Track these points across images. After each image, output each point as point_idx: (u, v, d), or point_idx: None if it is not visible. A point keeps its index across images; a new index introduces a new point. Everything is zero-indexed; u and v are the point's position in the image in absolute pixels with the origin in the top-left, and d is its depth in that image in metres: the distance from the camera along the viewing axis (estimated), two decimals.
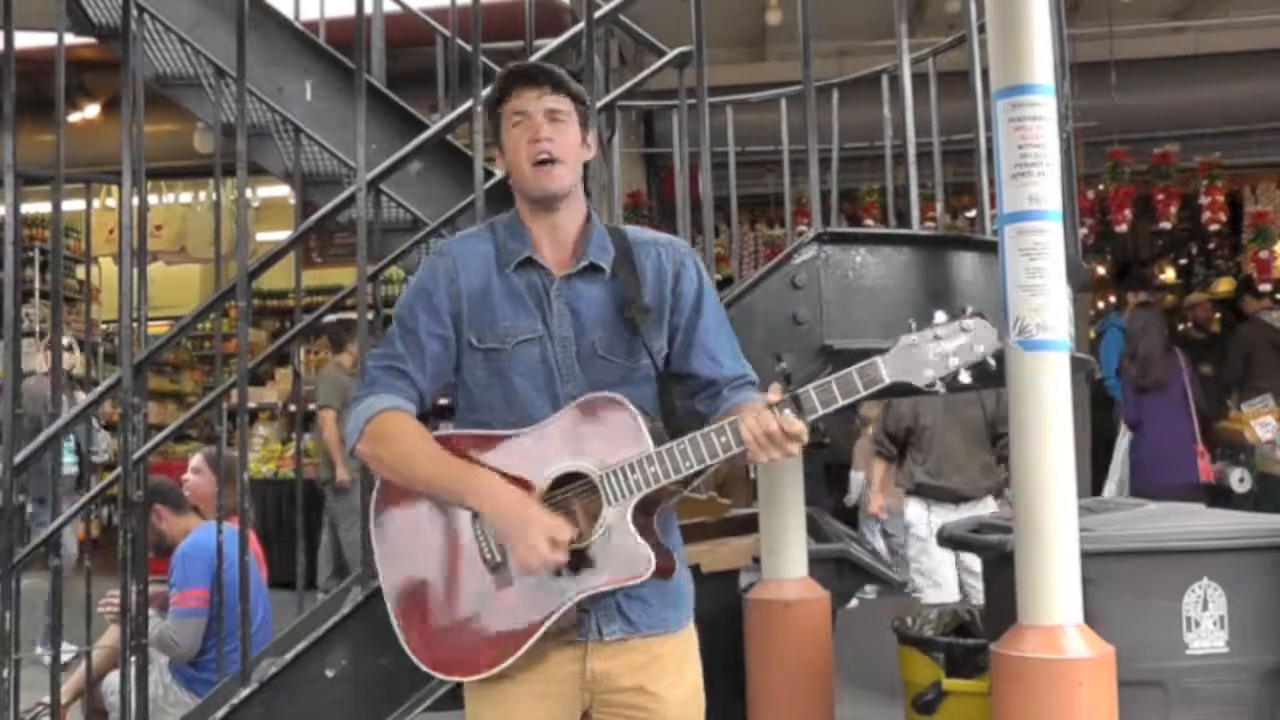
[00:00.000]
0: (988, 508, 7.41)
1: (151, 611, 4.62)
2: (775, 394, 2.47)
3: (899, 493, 10.42)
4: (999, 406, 7.04)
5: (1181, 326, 14.11)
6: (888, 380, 2.43)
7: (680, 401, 2.77)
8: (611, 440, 2.55)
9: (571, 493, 2.58)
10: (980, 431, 7.48)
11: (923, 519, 7.68)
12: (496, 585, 2.60)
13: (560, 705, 2.71)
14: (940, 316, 2.45)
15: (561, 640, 2.65)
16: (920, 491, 7.79)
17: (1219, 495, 9.72)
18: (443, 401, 2.90)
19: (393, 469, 2.68)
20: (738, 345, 2.86)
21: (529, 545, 2.49)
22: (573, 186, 2.76)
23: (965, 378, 2.44)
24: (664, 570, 2.57)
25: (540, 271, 2.74)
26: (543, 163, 2.68)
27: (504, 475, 2.59)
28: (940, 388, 2.44)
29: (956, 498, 7.56)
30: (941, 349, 2.43)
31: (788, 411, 2.43)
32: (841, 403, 2.44)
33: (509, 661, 2.59)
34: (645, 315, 2.72)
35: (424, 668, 2.67)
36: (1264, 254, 12.80)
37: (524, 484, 2.58)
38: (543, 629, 2.57)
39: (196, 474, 5.69)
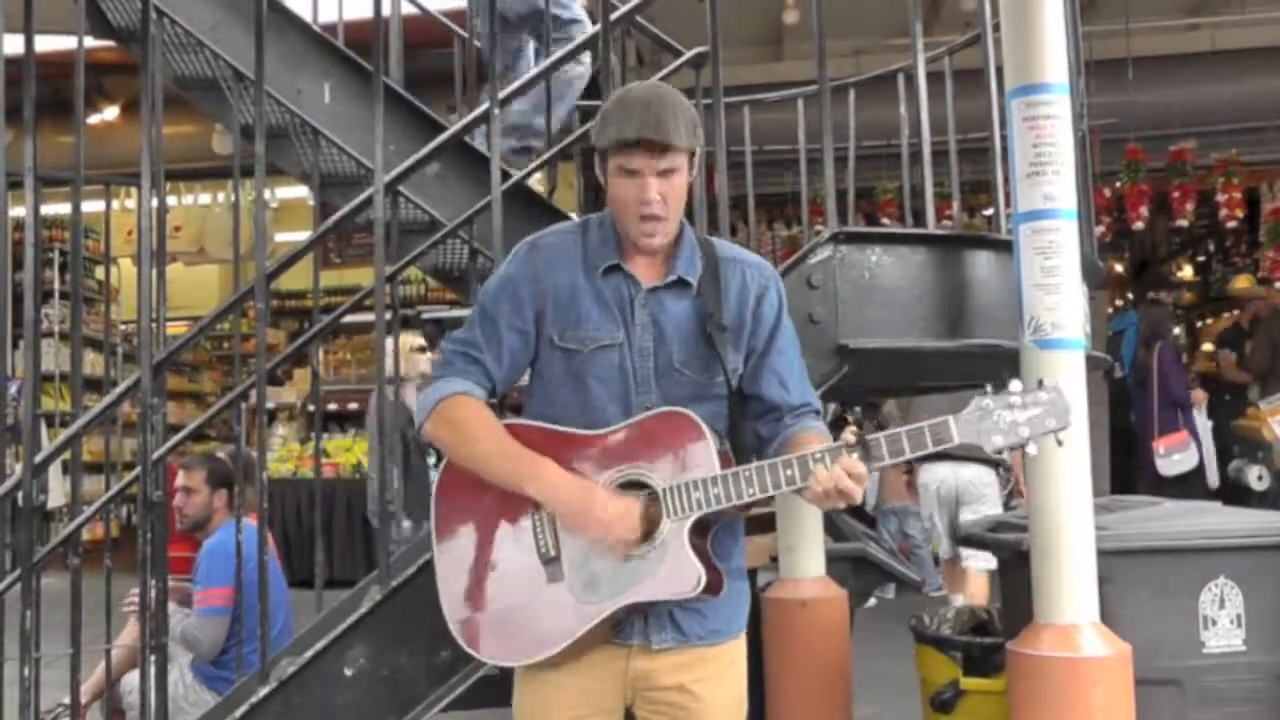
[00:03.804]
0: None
1: (172, 606, 4.65)
2: (850, 436, 2.49)
3: (914, 495, 10.48)
4: None
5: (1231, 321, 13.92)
6: (957, 441, 2.46)
7: (745, 422, 2.79)
8: (680, 455, 2.58)
9: (634, 499, 2.60)
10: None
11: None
12: (548, 579, 2.63)
13: (604, 700, 2.75)
14: (1016, 385, 2.47)
15: (608, 639, 2.69)
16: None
17: (1237, 493, 9.71)
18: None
19: (457, 451, 2.72)
20: (807, 374, 2.89)
21: (601, 523, 2.54)
22: (668, 243, 2.76)
23: (1032, 450, 2.46)
24: (712, 588, 2.60)
25: (628, 280, 2.76)
26: (648, 219, 2.67)
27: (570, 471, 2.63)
28: (1006, 455, 2.51)
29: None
30: (1014, 418, 2.44)
31: (855, 455, 2.46)
32: (909, 455, 2.48)
33: (547, 655, 2.63)
34: (723, 333, 2.74)
35: (467, 649, 2.71)
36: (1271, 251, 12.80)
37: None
38: (580, 632, 2.60)
39: None
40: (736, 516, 2.72)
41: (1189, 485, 9.39)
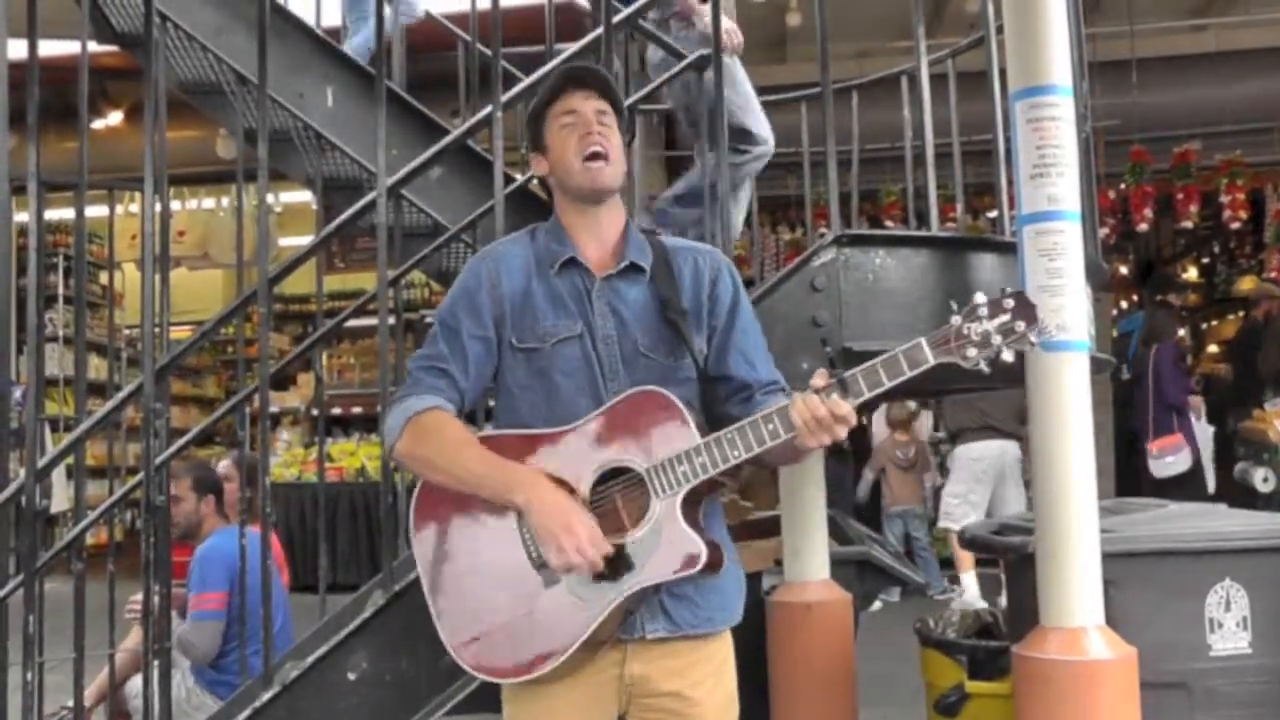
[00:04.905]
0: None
1: (172, 614, 4.65)
2: (821, 379, 2.46)
3: (920, 496, 10.51)
4: None
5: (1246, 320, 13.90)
6: (932, 361, 2.44)
7: (719, 404, 2.75)
8: (658, 433, 2.55)
9: (617, 488, 2.57)
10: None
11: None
12: (544, 585, 2.57)
13: (598, 708, 2.70)
14: (981, 297, 2.46)
15: (605, 642, 2.64)
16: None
17: (1243, 495, 9.69)
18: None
19: (435, 467, 2.65)
20: (768, 352, 2.86)
21: (569, 547, 2.47)
22: (619, 186, 2.79)
23: (1009, 355, 2.43)
24: (715, 563, 2.56)
25: (582, 272, 2.76)
26: (593, 157, 2.71)
27: (548, 474, 2.58)
28: (984, 367, 2.44)
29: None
30: (984, 328, 2.43)
31: (835, 395, 2.42)
32: (887, 385, 2.44)
33: (557, 662, 2.57)
34: (684, 316, 2.73)
35: (468, 669, 2.65)
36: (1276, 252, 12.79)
37: (568, 482, 2.58)
38: (591, 628, 2.55)
39: (227, 480, 5.72)
40: (721, 488, 2.68)
41: (1188, 488, 9.36)
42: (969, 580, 9.24)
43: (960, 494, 9.46)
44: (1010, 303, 2.44)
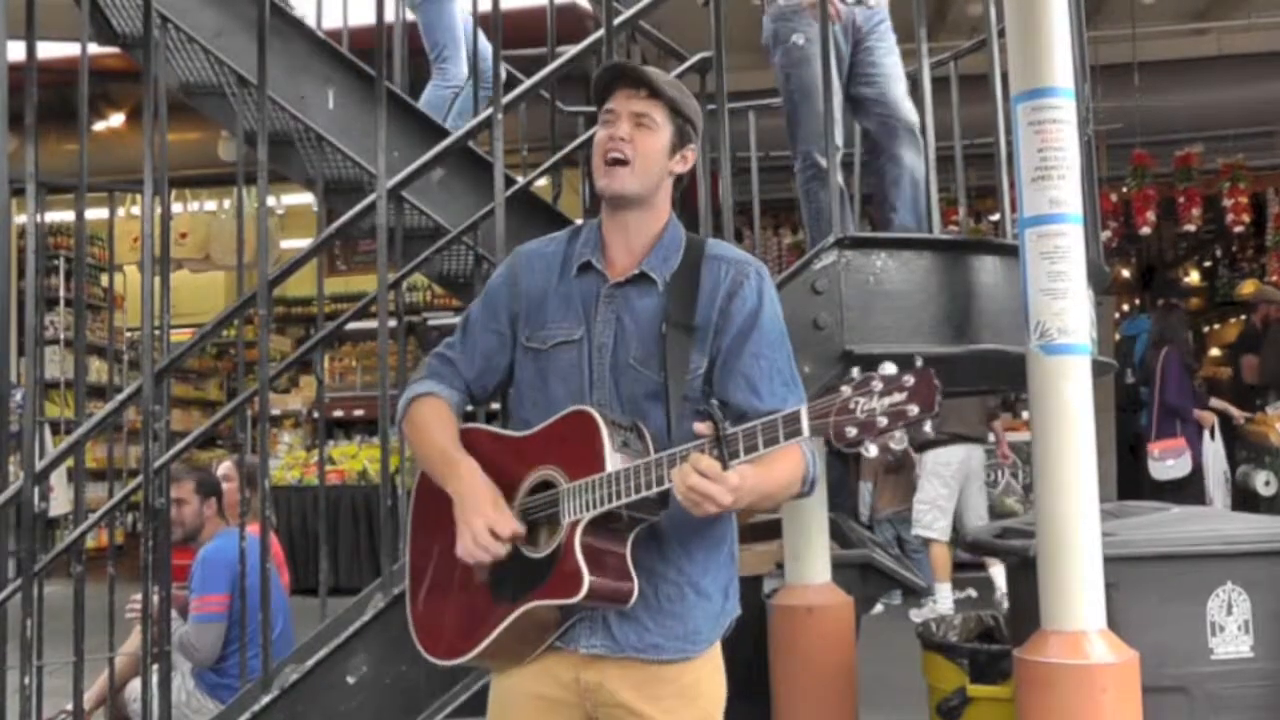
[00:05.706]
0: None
1: (172, 615, 4.65)
2: (706, 427, 2.32)
3: (908, 498, 10.54)
4: None
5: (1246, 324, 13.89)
6: (807, 434, 2.22)
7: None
8: (581, 455, 2.48)
9: (544, 502, 2.54)
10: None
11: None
12: (475, 581, 2.60)
13: (563, 710, 2.68)
14: (887, 368, 2.16)
15: (538, 647, 2.64)
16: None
17: (1245, 498, 9.68)
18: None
19: (416, 451, 2.76)
20: (794, 378, 2.68)
21: (465, 539, 2.50)
22: (644, 193, 2.69)
23: (898, 443, 2.15)
24: (604, 595, 2.47)
25: (598, 277, 2.72)
26: (612, 163, 2.64)
27: (498, 474, 2.59)
28: (871, 449, 2.16)
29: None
30: (870, 406, 2.15)
31: (712, 454, 2.29)
32: (763, 451, 2.27)
33: (467, 658, 2.62)
34: (688, 333, 2.62)
35: (418, 646, 2.71)
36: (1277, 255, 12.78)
37: (508, 486, 2.58)
38: (492, 635, 2.55)
39: (227, 481, 5.72)
40: (644, 522, 2.57)
41: (1187, 493, 9.33)
42: (944, 590, 9.27)
43: (930, 500, 9.55)
44: (909, 379, 2.14)
